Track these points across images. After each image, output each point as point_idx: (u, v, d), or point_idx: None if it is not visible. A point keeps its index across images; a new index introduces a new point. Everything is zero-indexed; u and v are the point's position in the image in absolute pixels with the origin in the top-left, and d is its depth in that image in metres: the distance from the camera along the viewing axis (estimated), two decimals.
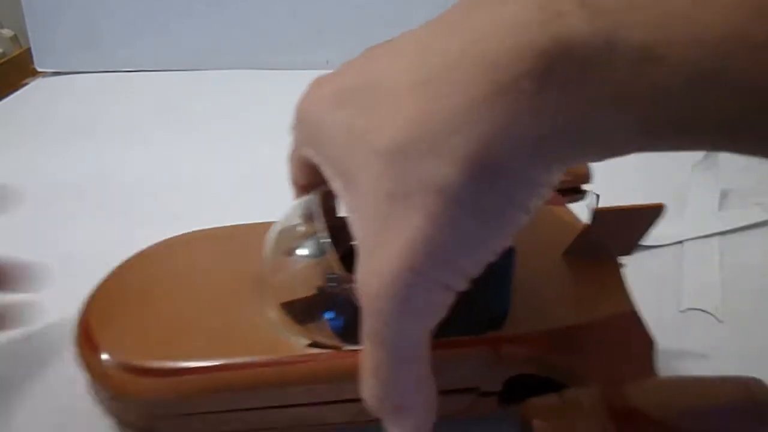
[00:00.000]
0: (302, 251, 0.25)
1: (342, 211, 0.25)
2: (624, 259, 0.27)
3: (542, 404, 0.21)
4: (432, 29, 0.18)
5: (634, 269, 0.28)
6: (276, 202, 0.43)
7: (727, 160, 0.42)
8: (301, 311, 0.24)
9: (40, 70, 0.68)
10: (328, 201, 0.25)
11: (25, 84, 0.66)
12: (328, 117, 0.19)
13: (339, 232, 0.24)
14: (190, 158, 0.50)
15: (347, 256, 0.23)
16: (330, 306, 0.24)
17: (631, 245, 0.27)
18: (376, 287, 0.17)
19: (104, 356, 0.24)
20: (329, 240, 0.23)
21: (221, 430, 0.25)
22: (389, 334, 0.18)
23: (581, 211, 0.29)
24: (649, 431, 0.21)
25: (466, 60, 0.16)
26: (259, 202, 0.43)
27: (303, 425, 0.25)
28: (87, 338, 0.25)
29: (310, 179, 0.25)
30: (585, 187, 0.32)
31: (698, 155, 0.43)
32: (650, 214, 0.26)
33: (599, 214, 0.25)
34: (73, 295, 0.35)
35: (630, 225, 0.26)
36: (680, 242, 0.37)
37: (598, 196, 0.30)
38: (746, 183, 0.43)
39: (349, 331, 0.23)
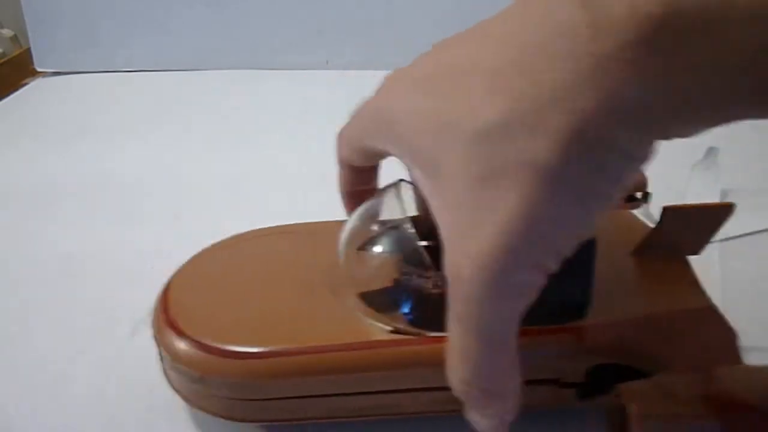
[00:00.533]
0: (380, 244, 0.26)
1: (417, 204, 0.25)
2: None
3: (636, 389, 0.21)
4: (515, 13, 0.17)
5: None
6: (275, 202, 0.43)
7: (727, 160, 0.42)
8: (380, 301, 0.25)
9: (39, 70, 0.68)
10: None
11: (25, 84, 0.66)
12: (407, 106, 0.19)
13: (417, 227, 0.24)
14: (189, 158, 0.50)
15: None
16: (406, 297, 0.25)
17: (700, 244, 0.27)
18: (469, 271, 0.17)
19: (187, 339, 0.24)
20: (414, 232, 0.24)
21: (299, 416, 0.25)
22: (481, 317, 0.18)
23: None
24: (746, 417, 0.20)
25: (561, 34, 0.15)
26: (259, 201, 0.44)
27: (384, 413, 0.25)
28: (168, 322, 0.25)
29: (359, 182, 0.26)
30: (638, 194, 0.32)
31: (698, 155, 0.43)
32: (720, 212, 0.26)
33: (669, 212, 0.25)
34: (72, 293, 0.35)
35: (699, 223, 0.26)
36: None
37: (649, 194, 0.30)
38: (746, 183, 0.43)
39: (425, 321, 0.24)
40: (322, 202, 0.29)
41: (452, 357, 0.19)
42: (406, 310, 0.25)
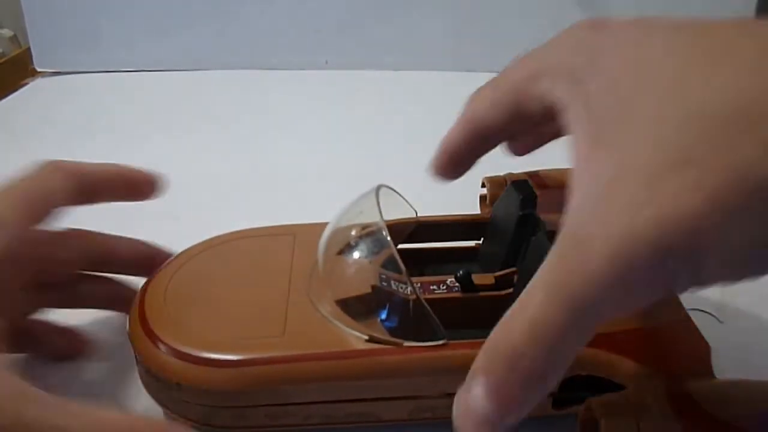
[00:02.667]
0: (357, 249, 0.26)
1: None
2: None
3: (607, 403, 0.21)
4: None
5: None
6: (275, 202, 0.43)
7: None
8: (357, 308, 0.25)
9: (39, 70, 0.68)
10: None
11: (25, 84, 0.66)
12: (613, 50, 0.18)
13: (391, 232, 0.24)
14: (189, 158, 0.50)
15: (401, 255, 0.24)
16: (383, 304, 0.25)
17: None
18: (604, 248, 0.15)
19: (164, 346, 0.24)
20: (389, 237, 0.24)
21: (278, 423, 0.25)
22: (585, 298, 0.16)
23: None
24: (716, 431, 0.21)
25: None
26: (258, 201, 0.44)
27: (361, 421, 0.25)
28: (144, 328, 0.25)
29: (495, 122, 0.23)
30: None
31: None
32: None
33: None
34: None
35: None
36: None
37: None
38: None
39: (403, 328, 0.24)
40: (322, 202, 0.29)
41: (523, 317, 0.17)
42: (383, 316, 0.25)
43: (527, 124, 0.22)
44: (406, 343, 0.23)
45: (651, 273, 0.15)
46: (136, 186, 0.30)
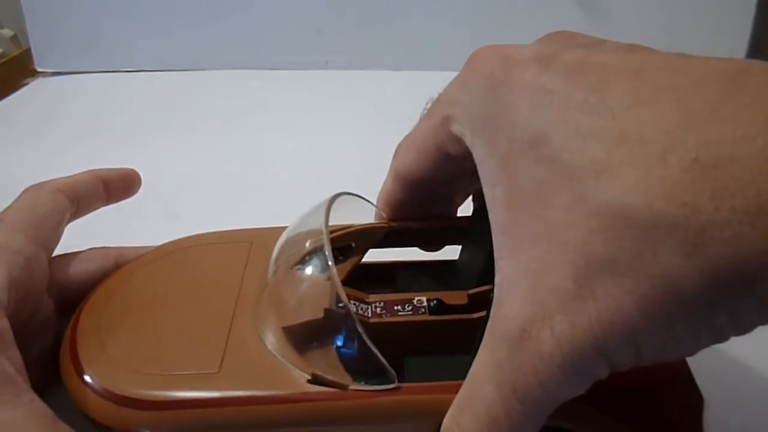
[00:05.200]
0: (308, 266, 0.23)
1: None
2: None
3: None
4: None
5: None
6: (275, 202, 0.43)
7: None
8: (304, 337, 0.22)
9: (39, 70, 0.68)
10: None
11: (25, 84, 0.66)
12: (534, 111, 0.17)
13: (358, 241, 0.22)
14: (189, 158, 0.50)
15: (360, 271, 0.22)
16: (339, 330, 0.22)
17: None
18: (552, 349, 0.16)
19: (90, 380, 0.22)
20: (330, 256, 0.21)
21: None
22: (538, 395, 0.17)
23: None
24: None
25: None
26: (258, 201, 0.44)
27: None
28: (72, 357, 0.23)
29: (422, 174, 0.24)
30: None
31: None
32: None
33: None
34: None
35: None
36: None
37: None
38: None
39: (354, 363, 0.21)
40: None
41: (472, 410, 0.18)
42: (333, 350, 0.22)
43: (459, 165, 0.22)
44: (353, 386, 0.21)
45: (596, 365, 0.16)
46: (119, 185, 0.30)
